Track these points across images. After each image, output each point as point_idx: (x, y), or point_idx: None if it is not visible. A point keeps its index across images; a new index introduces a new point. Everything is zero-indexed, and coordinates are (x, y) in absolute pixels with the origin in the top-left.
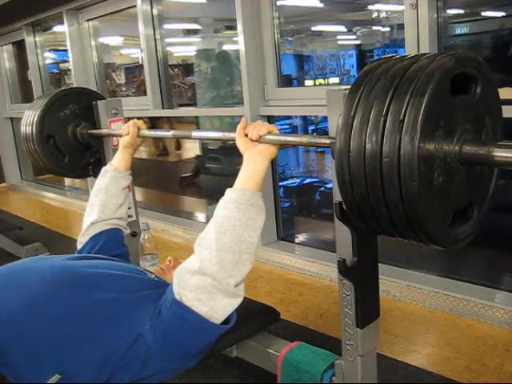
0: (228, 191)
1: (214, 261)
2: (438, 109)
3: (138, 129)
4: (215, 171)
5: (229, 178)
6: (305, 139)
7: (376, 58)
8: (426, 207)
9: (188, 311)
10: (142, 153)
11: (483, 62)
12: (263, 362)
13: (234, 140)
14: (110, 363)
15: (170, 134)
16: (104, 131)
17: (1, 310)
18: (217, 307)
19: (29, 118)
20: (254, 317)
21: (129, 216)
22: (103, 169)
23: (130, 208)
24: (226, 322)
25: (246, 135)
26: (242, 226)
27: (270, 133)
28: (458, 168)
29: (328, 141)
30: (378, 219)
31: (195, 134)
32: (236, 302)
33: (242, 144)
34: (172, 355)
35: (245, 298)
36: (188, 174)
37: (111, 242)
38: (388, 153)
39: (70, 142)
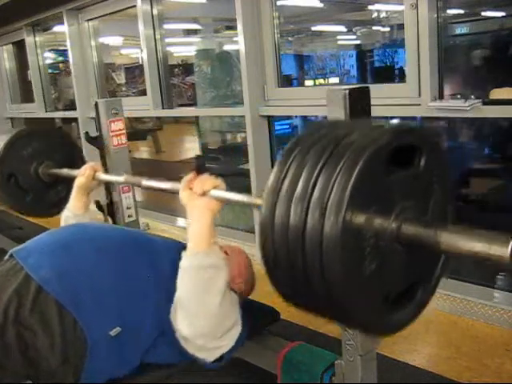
0: (183, 258)
1: (192, 328)
2: (372, 183)
3: (95, 172)
4: (215, 171)
5: (228, 177)
6: (244, 198)
7: (376, 57)
8: (351, 295)
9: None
10: (143, 153)
11: (428, 132)
12: (263, 361)
13: (178, 192)
14: (162, 321)
15: (121, 178)
16: (64, 171)
17: (76, 257)
18: (199, 354)
19: None
20: (254, 317)
21: (129, 216)
22: (63, 215)
23: (130, 208)
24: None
25: (191, 189)
26: (205, 289)
27: (215, 188)
28: (395, 248)
29: (260, 201)
30: (304, 300)
31: (145, 182)
32: (214, 351)
33: (185, 196)
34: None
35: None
36: None
37: None
38: (311, 229)
39: (32, 180)
